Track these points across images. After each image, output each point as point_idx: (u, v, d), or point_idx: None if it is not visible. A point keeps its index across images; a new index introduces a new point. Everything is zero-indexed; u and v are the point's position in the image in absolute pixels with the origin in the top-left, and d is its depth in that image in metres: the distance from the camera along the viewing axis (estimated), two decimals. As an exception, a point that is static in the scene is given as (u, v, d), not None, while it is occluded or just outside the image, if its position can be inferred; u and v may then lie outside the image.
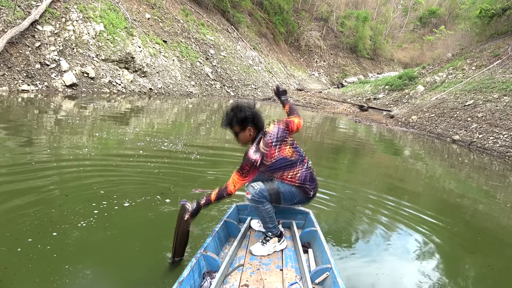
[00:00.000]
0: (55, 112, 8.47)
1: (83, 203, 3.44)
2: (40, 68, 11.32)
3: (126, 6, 17.52)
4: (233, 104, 2.66)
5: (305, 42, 39.81)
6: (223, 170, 5.41)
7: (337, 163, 7.44)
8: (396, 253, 3.41)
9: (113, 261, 2.67)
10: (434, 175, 7.54)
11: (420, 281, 2.95)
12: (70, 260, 2.52)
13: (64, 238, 2.80)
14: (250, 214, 3.23)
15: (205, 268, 2.32)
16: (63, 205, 3.38)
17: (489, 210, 5.35)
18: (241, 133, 2.64)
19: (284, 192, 2.68)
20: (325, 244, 2.59)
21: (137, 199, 3.73)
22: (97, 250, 2.74)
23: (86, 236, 2.88)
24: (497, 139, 10.46)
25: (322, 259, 2.52)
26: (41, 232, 2.82)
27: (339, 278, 2.12)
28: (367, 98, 23.11)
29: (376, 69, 45.25)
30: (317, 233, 2.81)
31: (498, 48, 17.58)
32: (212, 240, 2.53)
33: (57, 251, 2.61)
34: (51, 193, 3.64)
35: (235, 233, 2.91)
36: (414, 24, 53.06)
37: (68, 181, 4.09)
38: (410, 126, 14.59)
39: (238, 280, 2.25)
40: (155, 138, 7.01)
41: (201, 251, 2.33)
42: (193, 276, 2.13)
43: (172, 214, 3.46)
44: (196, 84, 18.97)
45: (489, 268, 3.46)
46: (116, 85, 13.68)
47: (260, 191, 2.62)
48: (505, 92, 12.70)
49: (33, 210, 3.18)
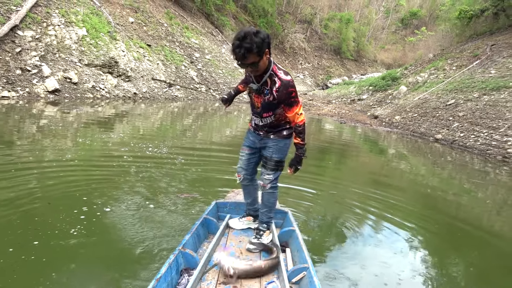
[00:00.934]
0: (37, 118, 8.34)
1: (66, 211, 3.41)
2: (21, 74, 11.12)
3: (109, 10, 17.35)
4: (240, 33, 2.22)
5: (290, 45, 40.04)
6: (209, 173, 5.41)
7: (323, 163, 7.51)
8: (378, 251, 3.47)
9: (93, 265, 2.67)
10: (417, 173, 7.68)
11: (401, 278, 3.01)
12: (54, 268, 2.49)
13: (48, 247, 2.78)
14: (229, 211, 3.25)
15: (183, 265, 2.30)
16: (46, 213, 3.34)
17: (470, 207, 5.49)
18: (260, 61, 2.29)
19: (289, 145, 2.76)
20: (303, 243, 2.61)
21: (120, 205, 3.71)
22: (79, 255, 2.73)
23: (69, 244, 2.86)
24: (478, 137, 10.71)
25: (299, 258, 2.55)
26: (22, 242, 2.79)
27: (316, 277, 2.15)
28: (352, 99, 23.37)
29: (360, 70, 45.79)
30: (295, 232, 2.83)
31: (477, 49, 18.02)
32: (190, 237, 2.51)
33: (41, 260, 2.58)
34: (33, 201, 3.59)
35: (214, 230, 2.89)
36: (396, 25, 53.94)
37: (51, 189, 4.03)
38: (394, 126, 14.81)
39: (215, 278, 2.25)
40: (140, 143, 6.96)
41: (179, 248, 2.31)
42: (171, 273, 2.11)
43: (155, 219, 3.47)
44: (181, 88, 18.88)
45: (469, 263, 3.56)
46: (100, 90, 13.52)
47: (275, 177, 2.74)
48: (485, 91, 13.02)
49: (15, 219, 3.13)
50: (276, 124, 2.64)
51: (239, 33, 2.22)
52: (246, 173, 2.88)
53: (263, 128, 2.68)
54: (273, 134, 2.67)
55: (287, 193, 4.84)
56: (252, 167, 2.88)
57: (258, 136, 2.74)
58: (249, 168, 2.88)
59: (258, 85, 2.46)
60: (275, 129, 2.66)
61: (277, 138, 2.67)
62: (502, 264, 3.57)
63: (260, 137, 2.73)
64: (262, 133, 2.71)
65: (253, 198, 3.02)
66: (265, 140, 2.71)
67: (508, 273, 3.40)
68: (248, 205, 3.05)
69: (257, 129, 2.74)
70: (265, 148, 2.72)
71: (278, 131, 2.67)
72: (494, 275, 3.34)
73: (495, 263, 3.56)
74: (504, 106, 11.44)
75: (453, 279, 3.18)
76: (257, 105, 2.58)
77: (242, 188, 3.01)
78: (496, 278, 3.30)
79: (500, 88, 12.59)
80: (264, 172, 2.75)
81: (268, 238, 2.82)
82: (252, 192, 3.00)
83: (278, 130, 2.66)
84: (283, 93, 2.39)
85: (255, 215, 3.06)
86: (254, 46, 2.17)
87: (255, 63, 2.27)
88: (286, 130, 2.67)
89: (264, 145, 2.72)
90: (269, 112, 2.56)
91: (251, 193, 3.00)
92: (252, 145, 2.80)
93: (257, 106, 2.58)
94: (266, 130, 2.68)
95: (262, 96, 2.50)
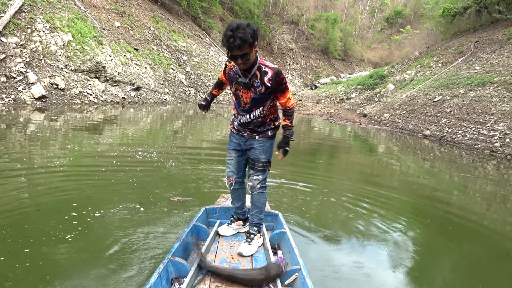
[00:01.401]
0: (23, 126, 8.20)
1: (56, 217, 3.36)
2: (6, 81, 10.94)
3: (94, 14, 17.19)
4: (232, 24, 2.23)
5: (277, 46, 40.21)
6: (200, 176, 5.39)
7: (314, 161, 7.54)
8: (371, 249, 3.49)
9: (84, 272, 2.62)
10: (407, 170, 7.76)
11: (397, 274, 3.03)
12: (48, 274, 2.45)
13: (40, 253, 2.73)
14: (219, 217, 3.21)
15: (173, 274, 2.25)
16: (36, 221, 3.28)
17: (459, 201, 5.56)
18: (251, 53, 2.30)
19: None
20: (294, 245, 2.59)
21: (111, 210, 3.67)
22: (70, 262, 2.69)
23: (60, 250, 2.81)
24: (466, 132, 10.88)
25: (291, 260, 2.52)
26: (12, 251, 2.74)
27: (308, 279, 2.14)
28: (340, 98, 23.54)
29: (347, 70, 46.16)
30: (286, 234, 2.81)
31: (462, 45, 18.31)
32: (180, 244, 2.46)
33: (36, 266, 2.54)
34: (22, 208, 3.53)
35: (204, 237, 2.85)
36: (381, 24, 54.50)
37: (40, 195, 3.97)
38: (383, 124, 14.95)
39: (207, 285, 2.20)
40: (130, 147, 6.90)
41: (169, 256, 2.26)
42: (161, 283, 2.06)
43: (147, 224, 3.44)
44: (170, 91, 18.80)
45: (461, 256, 3.60)
46: (88, 95, 13.37)
47: (264, 178, 2.75)
48: (470, 87, 13.23)
49: (4, 227, 3.07)
50: (262, 121, 2.63)
51: (231, 24, 2.23)
52: (237, 176, 2.86)
53: (249, 126, 2.65)
54: (258, 134, 2.66)
55: (279, 193, 4.84)
56: (242, 169, 2.87)
57: (243, 138, 2.71)
58: (240, 171, 2.87)
59: (247, 79, 2.46)
60: (259, 128, 2.65)
61: (263, 139, 2.66)
62: (492, 253, 3.62)
63: (245, 139, 2.70)
64: (246, 134, 2.68)
65: (242, 202, 3.00)
66: (250, 141, 2.68)
67: (498, 261, 3.45)
68: (237, 209, 3.02)
69: (240, 131, 2.71)
70: (251, 150, 2.70)
71: (263, 132, 2.66)
72: (485, 264, 3.38)
73: (486, 253, 3.60)
74: (489, 101, 11.64)
75: (445, 270, 3.21)
76: (245, 101, 2.56)
77: (232, 193, 2.97)
78: (487, 267, 3.34)
79: (485, 83, 12.82)
80: (252, 173, 2.74)
81: (259, 241, 2.80)
82: (241, 196, 2.98)
83: (263, 131, 2.66)
84: (276, 81, 2.42)
85: (244, 219, 3.05)
86: (248, 37, 2.19)
87: (247, 54, 2.28)
88: (271, 131, 2.68)
89: (249, 146, 2.70)
90: (259, 105, 2.55)
91: (241, 196, 2.98)
92: (238, 147, 2.77)
93: (246, 102, 2.56)
94: (252, 129, 2.65)
95: (251, 90, 2.49)
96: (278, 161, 2.78)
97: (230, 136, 2.85)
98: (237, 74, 2.52)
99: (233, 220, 3.04)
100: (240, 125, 2.70)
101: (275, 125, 2.71)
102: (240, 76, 2.49)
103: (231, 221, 3.04)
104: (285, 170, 6.00)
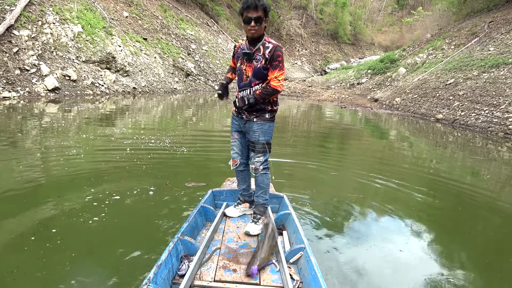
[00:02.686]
0: (39, 117, 8.37)
1: (77, 200, 3.51)
2: (20, 73, 11.12)
3: (102, 5, 17.23)
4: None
5: (286, 31, 39.75)
6: (212, 162, 5.47)
7: (326, 146, 7.56)
8: (377, 230, 3.54)
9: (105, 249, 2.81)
10: (420, 154, 7.73)
11: (402, 254, 3.08)
12: (71, 254, 2.59)
13: (65, 233, 2.94)
14: (226, 199, 3.31)
15: (182, 252, 2.35)
16: (59, 204, 3.43)
17: (471, 182, 5.54)
18: (263, 22, 2.55)
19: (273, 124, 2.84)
20: (299, 225, 2.67)
21: (127, 194, 3.82)
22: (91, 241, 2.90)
23: (84, 227, 2.99)
24: (479, 115, 10.73)
25: (296, 240, 2.60)
26: (40, 233, 2.90)
27: (312, 257, 2.20)
28: (351, 84, 23.32)
29: (357, 54, 45.53)
30: (291, 215, 2.89)
31: (475, 26, 17.89)
32: (188, 225, 2.56)
33: (58, 248, 2.70)
34: (44, 194, 3.69)
35: (211, 218, 2.95)
36: (392, 7, 53.38)
37: (60, 181, 4.13)
38: (395, 108, 14.82)
39: (215, 263, 2.31)
40: (143, 136, 7.01)
41: (178, 235, 2.36)
42: (171, 260, 2.16)
43: (163, 208, 3.54)
44: (180, 80, 18.86)
45: (468, 234, 3.65)
46: (99, 86, 13.52)
47: (265, 159, 2.83)
48: (484, 69, 12.99)
49: (29, 213, 3.22)
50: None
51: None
52: (242, 157, 2.97)
53: (248, 101, 2.71)
54: (256, 117, 2.74)
55: (287, 172, 4.90)
56: (246, 151, 2.96)
57: (242, 120, 2.81)
58: (244, 152, 2.97)
59: (251, 51, 2.62)
60: (258, 108, 2.73)
61: (261, 121, 2.74)
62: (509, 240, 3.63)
63: (244, 121, 2.79)
64: (245, 116, 2.77)
65: (247, 183, 3.10)
66: (249, 124, 2.77)
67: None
68: (243, 191, 3.11)
69: (240, 112, 2.80)
70: (250, 133, 2.79)
71: (261, 114, 2.74)
72: (501, 253, 3.40)
73: (502, 241, 3.62)
74: (504, 83, 11.43)
75: (455, 248, 3.25)
76: (247, 74, 2.69)
77: (237, 175, 3.07)
78: (504, 257, 3.36)
79: (500, 65, 12.56)
80: (253, 156, 2.83)
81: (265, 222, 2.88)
82: (246, 178, 3.08)
83: (260, 114, 2.74)
84: (273, 53, 2.56)
85: (250, 201, 3.13)
86: (265, 2, 2.49)
87: (261, 19, 2.50)
88: (269, 113, 2.76)
89: (248, 129, 2.79)
90: (259, 80, 2.66)
91: (246, 178, 3.08)
92: (239, 129, 2.89)
93: (247, 76, 2.69)
94: (249, 107, 2.72)
95: (253, 63, 2.63)
96: (288, 144, 2.84)
97: (232, 119, 2.97)
98: (243, 50, 2.68)
99: (240, 202, 3.14)
100: (241, 99, 2.76)
101: (273, 108, 2.79)
102: (245, 49, 2.66)
103: (238, 203, 3.14)
104: (295, 152, 6.04)
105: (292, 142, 7.57)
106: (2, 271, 2.40)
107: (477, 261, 3.13)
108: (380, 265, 2.88)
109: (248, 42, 2.65)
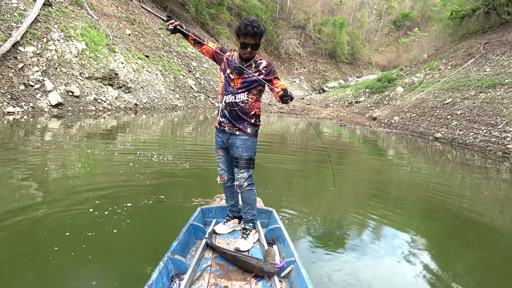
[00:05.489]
0: (42, 132, 8.44)
1: (86, 214, 3.55)
2: (25, 89, 11.25)
3: (106, 23, 17.54)
4: (249, 18, 2.59)
5: (285, 50, 40.40)
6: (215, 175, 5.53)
7: (324, 165, 7.64)
8: (370, 246, 3.59)
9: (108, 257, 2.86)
10: (418, 172, 7.81)
11: (401, 268, 3.13)
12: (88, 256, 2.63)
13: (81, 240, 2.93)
14: (215, 216, 3.32)
15: (173, 271, 2.36)
16: (66, 217, 3.47)
17: (468, 199, 5.61)
18: (257, 47, 2.63)
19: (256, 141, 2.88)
20: (289, 239, 2.70)
21: (131, 211, 3.86)
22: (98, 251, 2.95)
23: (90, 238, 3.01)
24: (477, 134, 10.89)
25: (286, 253, 2.63)
26: (62, 240, 2.97)
27: (303, 269, 2.24)
28: (349, 102, 23.59)
29: (355, 73, 46.18)
30: (281, 229, 2.92)
31: (471, 47, 18.29)
32: (178, 243, 2.56)
33: (75, 250, 2.74)
34: (52, 209, 3.74)
35: (201, 235, 2.95)
36: (389, 27, 54.52)
37: (63, 198, 4.18)
38: (393, 127, 14.99)
39: (206, 280, 2.30)
40: (145, 151, 7.08)
41: (168, 254, 2.37)
42: (162, 279, 2.17)
43: (166, 225, 3.60)
44: (180, 97, 19.05)
45: (467, 247, 3.71)
46: (102, 102, 13.65)
47: (249, 175, 2.83)
48: (481, 89, 13.24)
49: (48, 225, 3.27)
50: (245, 110, 2.73)
51: (248, 18, 2.58)
52: (228, 173, 3.00)
53: (230, 114, 2.74)
54: (239, 130, 2.75)
55: (283, 194, 4.95)
56: (232, 166, 2.97)
57: (225, 134, 2.82)
58: (230, 167, 2.98)
59: (244, 65, 2.66)
60: (241, 119, 2.74)
61: (244, 136, 2.75)
62: (507, 259, 3.68)
63: (227, 136, 2.80)
64: (227, 128, 2.78)
65: (236, 199, 3.12)
66: (232, 139, 2.78)
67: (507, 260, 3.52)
68: (231, 207, 3.14)
69: (222, 124, 2.82)
70: (233, 148, 2.79)
71: (243, 127, 2.76)
72: (499, 271, 3.44)
73: (499, 259, 3.67)
74: (500, 103, 11.65)
75: (453, 262, 3.30)
76: (235, 83, 2.71)
77: (225, 191, 3.11)
78: (501, 275, 3.40)
79: (496, 85, 12.82)
80: (237, 171, 2.85)
81: (255, 237, 2.91)
82: (234, 193, 3.09)
83: (243, 126, 2.75)
84: (270, 69, 2.67)
85: (239, 216, 3.15)
86: (263, 29, 2.58)
87: (257, 45, 2.60)
88: (251, 128, 2.78)
89: (232, 145, 2.80)
90: (247, 89, 2.69)
91: (234, 194, 3.10)
92: (223, 145, 2.90)
93: (235, 84, 2.72)
94: (233, 117, 2.74)
95: (243, 75, 2.67)
96: (286, 162, 2.91)
97: (215, 134, 2.95)
98: (234, 62, 2.70)
99: (229, 219, 3.14)
100: (224, 111, 2.79)
101: (257, 123, 2.81)
102: (236, 63, 2.69)
103: (227, 220, 3.14)
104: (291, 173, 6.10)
105: (291, 152, 7.66)
106: (32, 278, 2.53)
107: (473, 275, 3.17)
108: (373, 277, 2.93)
109: (240, 58, 2.70)
